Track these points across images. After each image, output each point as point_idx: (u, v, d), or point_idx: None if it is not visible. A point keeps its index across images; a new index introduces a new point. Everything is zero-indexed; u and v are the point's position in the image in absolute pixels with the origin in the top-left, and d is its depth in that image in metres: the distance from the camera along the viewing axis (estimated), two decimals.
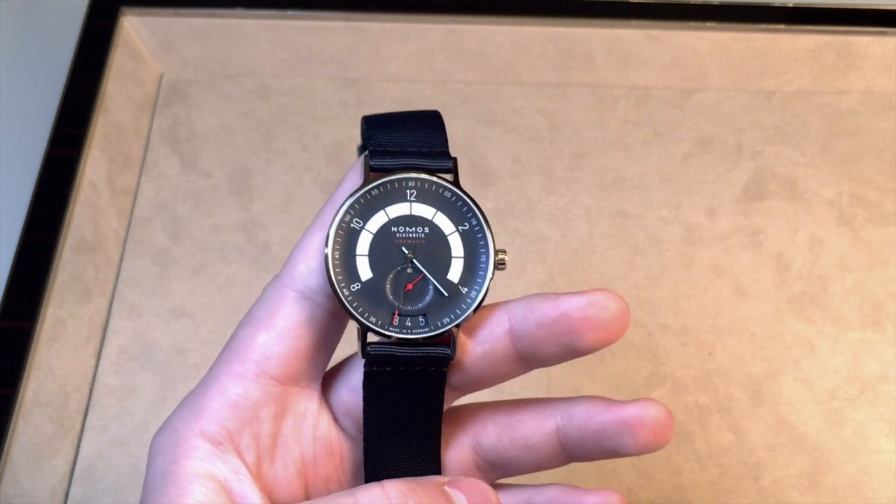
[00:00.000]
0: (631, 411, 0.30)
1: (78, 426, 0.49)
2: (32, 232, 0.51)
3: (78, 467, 0.48)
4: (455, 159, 0.30)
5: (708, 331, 0.52)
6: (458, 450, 0.32)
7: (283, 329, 0.29)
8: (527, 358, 0.30)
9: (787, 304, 0.53)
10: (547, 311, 0.29)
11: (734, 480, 0.48)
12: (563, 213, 0.56)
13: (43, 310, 0.49)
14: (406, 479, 0.29)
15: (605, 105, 0.60)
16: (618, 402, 0.30)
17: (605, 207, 0.56)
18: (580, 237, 0.55)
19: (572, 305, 0.29)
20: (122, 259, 0.54)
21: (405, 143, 0.30)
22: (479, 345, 0.30)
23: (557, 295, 0.29)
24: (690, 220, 0.55)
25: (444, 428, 0.31)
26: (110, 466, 0.48)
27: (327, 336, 0.30)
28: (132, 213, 0.56)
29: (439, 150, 0.30)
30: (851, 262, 0.54)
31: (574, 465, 0.49)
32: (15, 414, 0.47)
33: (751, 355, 0.51)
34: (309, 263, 0.29)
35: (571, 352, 0.29)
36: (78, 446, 0.49)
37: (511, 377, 0.31)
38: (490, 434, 0.31)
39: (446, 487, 0.29)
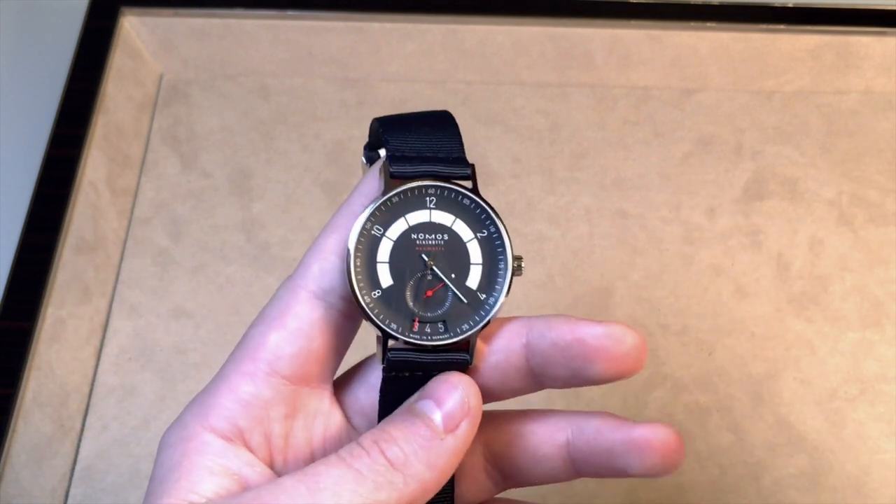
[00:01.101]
0: (640, 432, 0.30)
1: (78, 426, 0.49)
2: (32, 232, 0.51)
3: (78, 467, 0.48)
4: (473, 166, 0.30)
5: (708, 331, 0.52)
6: (468, 456, 0.31)
7: (294, 329, 0.29)
8: (538, 376, 0.30)
9: (787, 304, 0.53)
10: (563, 332, 0.29)
11: (734, 480, 0.48)
12: (563, 213, 0.56)
13: (43, 310, 0.49)
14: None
15: (605, 105, 0.60)
16: (629, 422, 0.30)
17: (605, 207, 0.56)
18: (580, 237, 0.55)
19: (588, 332, 0.29)
20: (122, 259, 0.54)
21: (422, 149, 0.30)
22: (494, 354, 0.30)
23: (578, 319, 0.29)
24: (690, 220, 0.55)
25: None
26: (110, 466, 0.48)
27: (339, 337, 0.30)
28: (132, 213, 0.56)
29: (456, 155, 0.30)
30: (851, 262, 0.54)
31: None
32: (15, 414, 0.47)
33: (751, 355, 0.51)
34: (322, 264, 0.30)
35: (580, 378, 0.30)
36: (78, 446, 0.49)
37: (521, 393, 0.31)
38: (502, 442, 0.31)
39: (415, 404, 0.28)
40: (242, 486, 0.29)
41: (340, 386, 0.32)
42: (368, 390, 0.31)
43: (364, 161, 0.33)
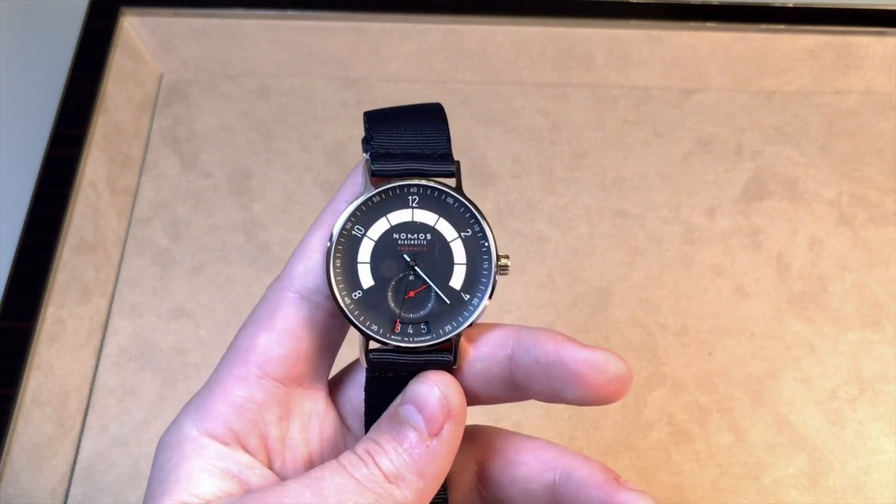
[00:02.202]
0: (621, 499, 0.28)
1: (78, 426, 0.49)
2: (32, 232, 0.51)
3: (78, 467, 0.48)
4: (458, 163, 0.30)
5: (708, 331, 0.52)
6: (462, 473, 0.31)
7: (282, 330, 0.29)
8: (520, 388, 0.30)
9: (787, 304, 0.52)
10: (547, 350, 0.29)
11: (734, 480, 0.48)
12: (563, 213, 0.56)
13: (43, 310, 0.49)
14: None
15: (605, 105, 0.60)
16: (615, 482, 0.29)
17: (605, 207, 0.56)
18: (580, 237, 0.55)
19: (571, 356, 0.28)
20: (122, 259, 0.54)
21: (407, 145, 0.29)
22: (479, 361, 0.30)
23: (565, 338, 0.29)
24: (690, 220, 0.55)
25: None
26: (110, 466, 0.48)
27: (328, 336, 0.30)
28: (132, 213, 0.56)
29: (442, 152, 0.29)
30: (851, 262, 0.54)
31: None
32: (15, 414, 0.47)
33: (751, 355, 0.51)
34: (307, 264, 0.29)
35: (558, 399, 0.29)
36: (78, 446, 0.49)
37: (505, 401, 0.31)
38: (495, 467, 0.31)
39: (399, 409, 0.28)
40: (244, 489, 0.29)
41: (334, 386, 0.32)
42: (358, 389, 0.31)
43: (364, 155, 0.33)
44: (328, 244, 0.29)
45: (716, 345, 0.51)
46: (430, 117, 0.30)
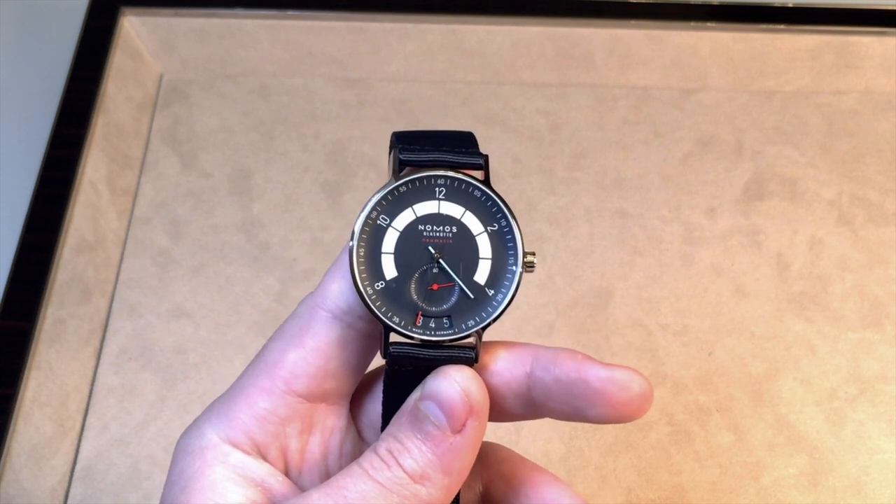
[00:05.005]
0: None
1: (78, 426, 0.49)
2: (32, 232, 0.51)
3: (78, 467, 0.48)
4: (486, 157, 0.30)
5: (708, 331, 0.52)
6: (468, 491, 0.31)
7: (312, 348, 0.29)
8: (538, 406, 0.30)
9: (787, 304, 0.53)
10: (568, 370, 0.28)
11: (734, 480, 0.48)
12: (563, 213, 0.56)
13: (43, 310, 0.49)
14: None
15: (605, 105, 0.60)
16: None
17: (605, 207, 0.56)
18: (580, 237, 0.55)
19: (593, 374, 0.28)
20: (122, 259, 0.54)
21: (436, 143, 0.29)
22: (496, 376, 0.29)
23: (585, 357, 0.29)
24: (690, 220, 0.55)
25: None
26: (110, 466, 0.48)
27: (358, 356, 0.30)
28: (132, 213, 0.56)
29: (471, 148, 0.30)
30: (851, 262, 0.54)
31: (573, 464, 0.49)
32: (15, 414, 0.46)
33: (751, 355, 0.51)
34: (341, 284, 0.29)
35: (580, 417, 0.29)
36: (78, 446, 0.49)
37: (520, 419, 0.30)
38: (499, 490, 0.31)
39: (419, 405, 0.28)
40: (267, 497, 0.29)
41: (354, 399, 0.32)
42: (376, 402, 0.31)
43: None
44: (351, 242, 0.28)
45: (716, 345, 0.51)
46: (460, 133, 0.30)
